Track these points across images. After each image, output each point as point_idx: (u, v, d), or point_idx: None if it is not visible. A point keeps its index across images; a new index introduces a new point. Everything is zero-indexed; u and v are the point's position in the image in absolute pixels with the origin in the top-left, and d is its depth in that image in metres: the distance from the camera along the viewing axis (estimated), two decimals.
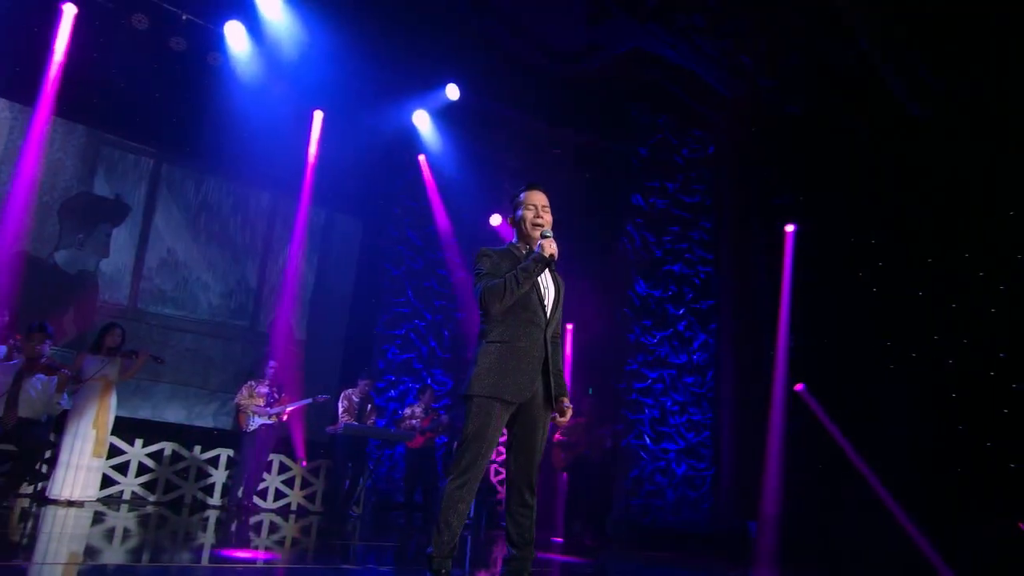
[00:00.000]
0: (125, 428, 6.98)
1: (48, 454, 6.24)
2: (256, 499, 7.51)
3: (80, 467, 5.97)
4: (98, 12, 7.53)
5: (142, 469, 7.07)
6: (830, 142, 8.62)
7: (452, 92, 8.82)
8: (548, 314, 3.27)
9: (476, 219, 10.13)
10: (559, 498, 8.96)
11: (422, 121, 9.28)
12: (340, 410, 7.88)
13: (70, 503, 5.95)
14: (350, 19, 8.11)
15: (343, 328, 9.19)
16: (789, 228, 8.89)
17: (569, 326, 10.48)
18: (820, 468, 7.60)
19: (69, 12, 7.33)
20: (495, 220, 10.25)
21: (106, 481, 6.78)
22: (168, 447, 7.22)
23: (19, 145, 7.30)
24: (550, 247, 3.20)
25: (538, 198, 3.44)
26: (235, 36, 7.86)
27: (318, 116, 8.72)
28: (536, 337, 3.20)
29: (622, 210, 9.43)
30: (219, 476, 7.48)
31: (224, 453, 7.56)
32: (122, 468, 6.96)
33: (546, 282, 3.34)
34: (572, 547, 7.80)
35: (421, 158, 9.63)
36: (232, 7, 7.85)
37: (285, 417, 7.36)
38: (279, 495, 7.90)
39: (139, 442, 7.07)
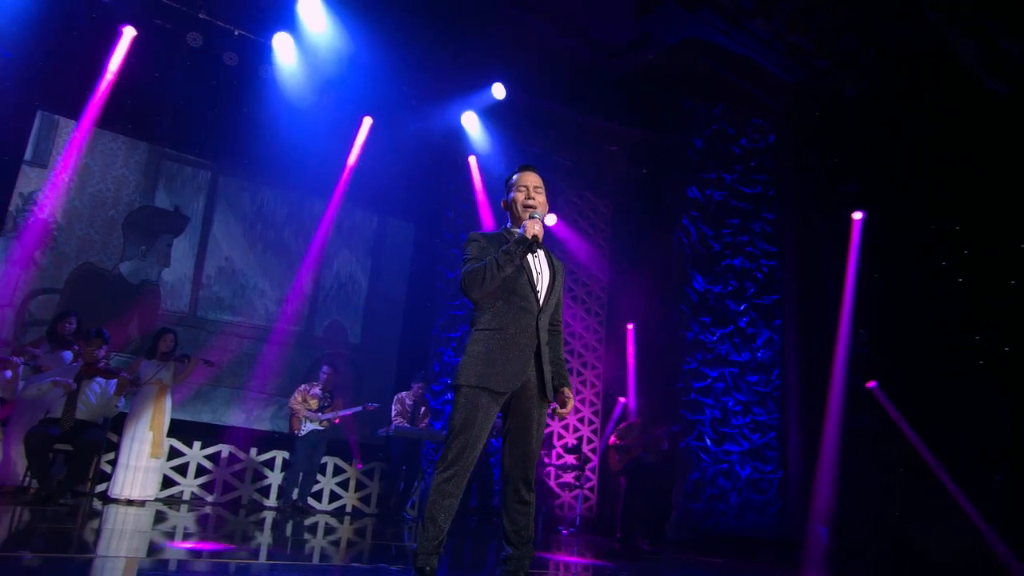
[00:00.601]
0: (184, 431, 7.22)
1: (111, 455, 6.52)
2: (311, 501, 7.63)
3: (138, 468, 6.20)
4: (156, 32, 7.86)
5: (200, 470, 7.30)
6: (898, 123, 8.10)
7: (498, 91, 8.77)
8: (541, 300, 3.14)
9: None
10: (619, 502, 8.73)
11: (471, 123, 9.26)
12: (393, 413, 7.92)
13: (130, 502, 6.19)
14: (394, 24, 8.19)
15: (397, 332, 9.25)
16: (856, 216, 8.40)
17: (630, 326, 10.26)
18: (894, 470, 7.10)
19: (128, 34, 7.69)
20: (550, 220, 10.13)
21: (167, 482, 7.04)
22: (225, 449, 7.43)
23: (88, 163, 7.70)
24: (533, 228, 3.06)
25: (530, 179, 3.32)
26: (284, 48, 8.04)
27: (367, 122, 8.83)
28: (527, 324, 3.07)
29: (677, 204, 9.13)
30: (275, 478, 7.64)
31: (280, 455, 7.72)
32: (181, 469, 7.20)
33: (539, 266, 3.20)
34: (629, 552, 7.57)
35: (471, 160, 9.61)
36: (280, 20, 8.04)
37: (337, 421, 7.45)
38: (334, 497, 8.00)
39: (197, 444, 7.29)
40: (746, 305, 8.78)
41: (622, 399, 10.11)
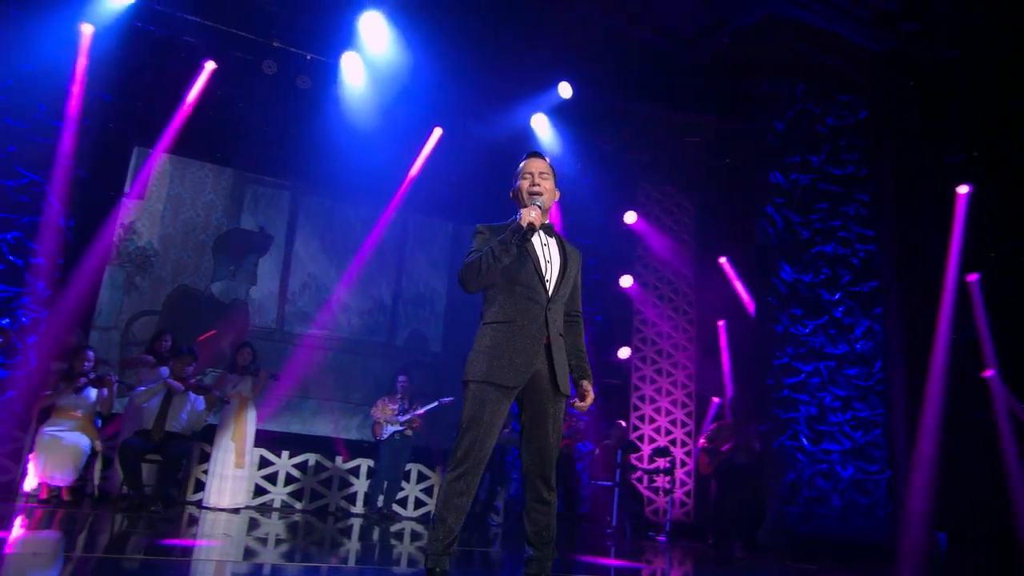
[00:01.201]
0: (273, 441, 7.53)
1: (207, 466, 6.89)
2: (396, 507, 7.76)
3: (225, 477, 6.52)
4: (234, 64, 8.30)
5: (289, 479, 7.57)
6: (1006, 85, 7.34)
7: (564, 90, 8.66)
8: (551, 289, 3.02)
9: (610, 218, 9.84)
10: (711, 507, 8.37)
11: (540, 124, 9.19)
12: None
13: (222, 510, 6.51)
14: (455, 32, 8.24)
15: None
16: (962, 190, 7.68)
17: (721, 323, 9.86)
18: (1013, 468, 6.39)
19: (209, 67, 8.17)
20: (630, 218, 9.90)
21: (258, 490, 7.36)
22: (312, 458, 7.68)
23: (179, 192, 8.23)
24: (528, 215, 2.93)
25: (534, 165, 3.19)
26: (352, 67, 8.28)
27: (436, 132, 8.94)
28: (535, 315, 2.96)
29: (760, 192, 8.67)
30: (361, 485, 7.82)
31: (365, 463, 7.89)
32: (272, 478, 7.51)
33: (548, 254, 3.08)
34: (721, 558, 7.22)
35: None
36: (348, 41, 8.27)
37: (417, 426, 7.54)
38: (419, 503, 8.10)
39: (285, 453, 7.58)
40: (841, 294, 8.19)
41: (716, 399, 9.71)
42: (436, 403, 7.61)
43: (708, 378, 9.65)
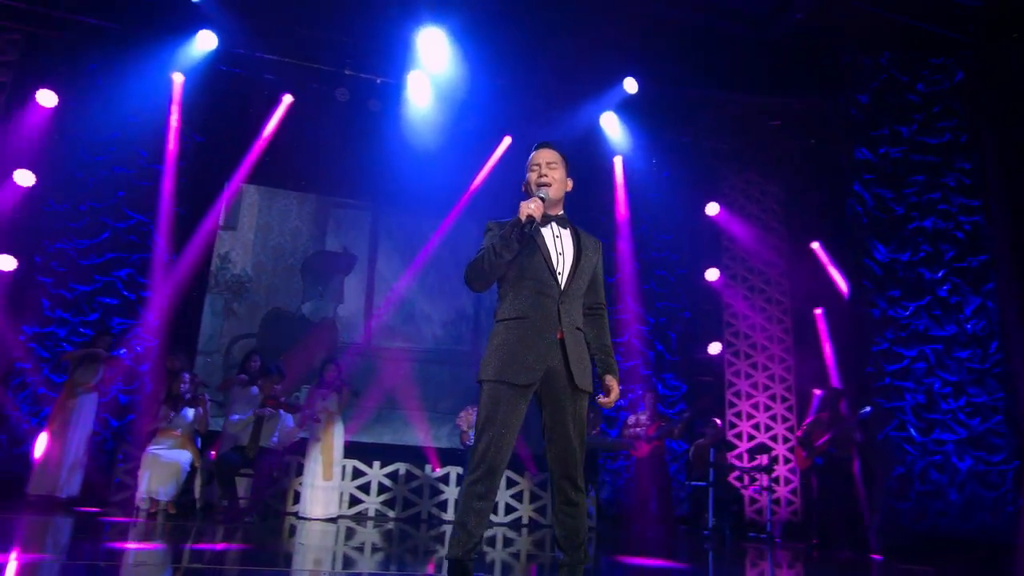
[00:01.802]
0: (364, 452, 7.81)
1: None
2: None
3: (316, 488, 6.82)
4: (311, 96, 8.74)
5: (382, 488, 7.81)
6: None
7: (630, 86, 8.55)
8: (563, 283, 2.93)
9: (691, 211, 9.59)
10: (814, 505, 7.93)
11: (611, 123, 9.10)
12: None
13: (316, 520, 6.81)
14: (516, 39, 8.30)
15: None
16: None
17: (818, 311, 9.37)
18: None
19: (286, 101, 8.65)
20: (713, 209, 9.60)
21: (353, 500, 7.64)
22: (403, 467, 7.89)
23: (267, 220, 8.73)
24: (526, 208, 2.84)
25: (542, 156, 3.09)
26: (419, 86, 8.51)
27: (506, 141, 9.04)
28: (548, 310, 2.88)
29: (846, 169, 8.19)
30: (451, 492, 7.96)
31: (454, 471, 8.03)
32: (365, 488, 7.77)
33: (560, 247, 3.00)
34: (827, 558, 6.82)
35: (617, 160, 9.43)
36: (414, 61, 8.51)
37: None
38: (509, 509, 8.14)
39: (377, 464, 7.83)
40: (945, 271, 7.58)
41: (817, 391, 9.20)
42: None
43: (808, 370, 9.17)
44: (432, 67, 8.31)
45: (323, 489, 6.83)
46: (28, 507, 6.13)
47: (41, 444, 6.39)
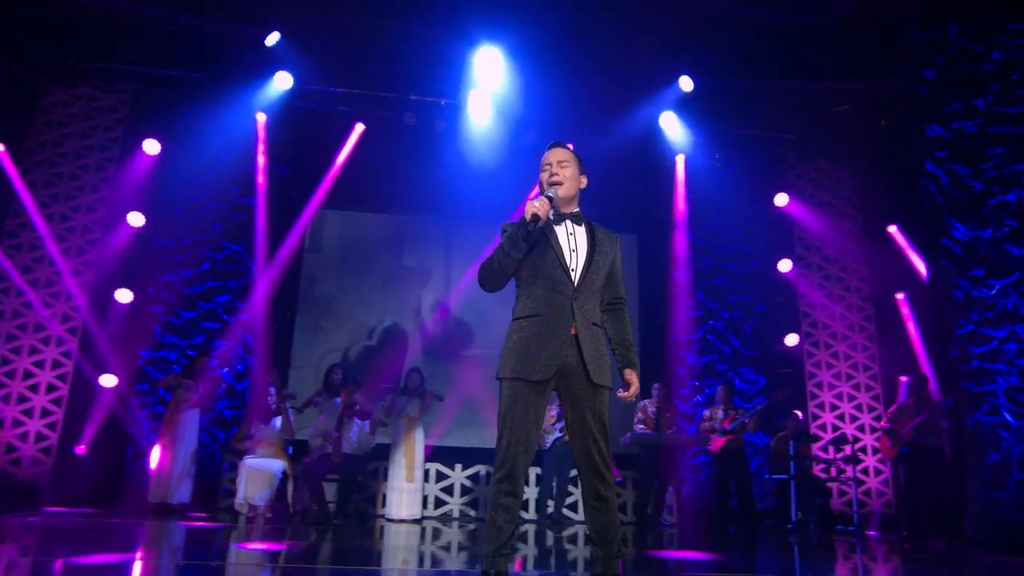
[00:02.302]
0: (447, 455, 8.19)
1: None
2: (567, 512, 8.03)
3: (400, 490, 7.24)
4: (380, 122, 9.28)
5: (464, 490, 8.16)
6: None
7: (685, 84, 8.60)
8: (576, 279, 2.97)
9: (759, 203, 9.49)
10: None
11: (670, 122, 9.16)
12: (635, 421, 8.04)
13: (402, 521, 7.23)
14: (569, 46, 8.50)
15: (635, 342, 9.34)
16: None
17: (900, 296, 9.07)
18: None
19: (358, 128, 9.24)
20: (782, 200, 9.47)
21: (438, 502, 8.04)
22: (483, 469, 8.22)
23: (348, 241, 9.32)
24: (531, 207, 2.87)
25: (553, 155, 3.15)
26: (480, 103, 8.87)
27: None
28: (561, 306, 2.93)
29: (918, 148, 7.92)
30: (530, 492, 8.22)
31: (533, 471, 8.27)
32: (448, 490, 8.14)
33: (573, 243, 3.03)
34: (918, 551, 6.61)
35: (679, 159, 9.47)
36: (472, 79, 8.87)
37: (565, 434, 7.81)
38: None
39: (458, 466, 8.19)
40: None
41: (903, 378, 8.89)
42: None
43: (893, 357, 8.88)
44: (489, 84, 8.64)
45: (407, 492, 7.24)
46: (148, 513, 6.83)
47: (155, 456, 7.11)
